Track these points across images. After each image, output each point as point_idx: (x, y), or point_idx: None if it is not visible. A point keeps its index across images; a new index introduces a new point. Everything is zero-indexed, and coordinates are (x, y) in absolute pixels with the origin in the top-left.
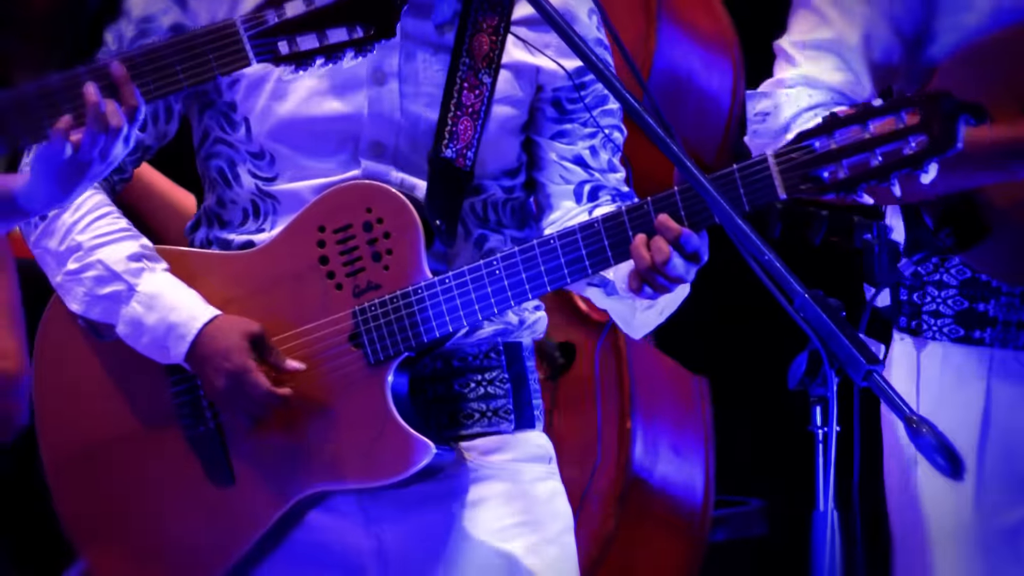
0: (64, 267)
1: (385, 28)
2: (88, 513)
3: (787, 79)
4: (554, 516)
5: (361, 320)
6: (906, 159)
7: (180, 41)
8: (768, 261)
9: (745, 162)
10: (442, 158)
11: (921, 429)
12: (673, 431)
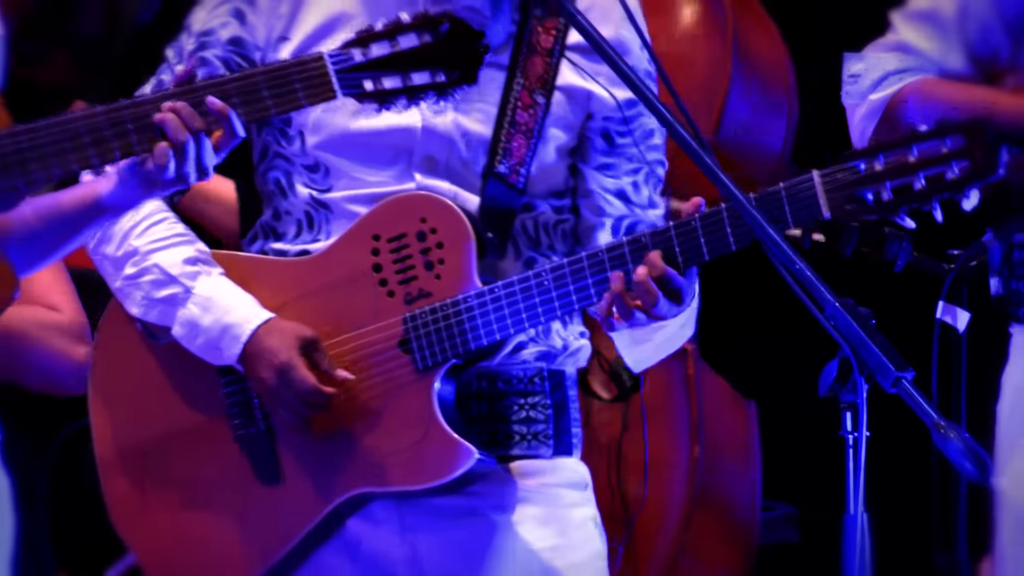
0: (122, 272)
1: (467, 74)
2: (137, 508)
3: (883, 43)
4: (587, 540)
5: (411, 327)
6: (948, 184)
7: (269, 70)
8: (799, 270)
9: (791, 180)
10: (496, 173)
11: (948, 434)
12: (732, 454)
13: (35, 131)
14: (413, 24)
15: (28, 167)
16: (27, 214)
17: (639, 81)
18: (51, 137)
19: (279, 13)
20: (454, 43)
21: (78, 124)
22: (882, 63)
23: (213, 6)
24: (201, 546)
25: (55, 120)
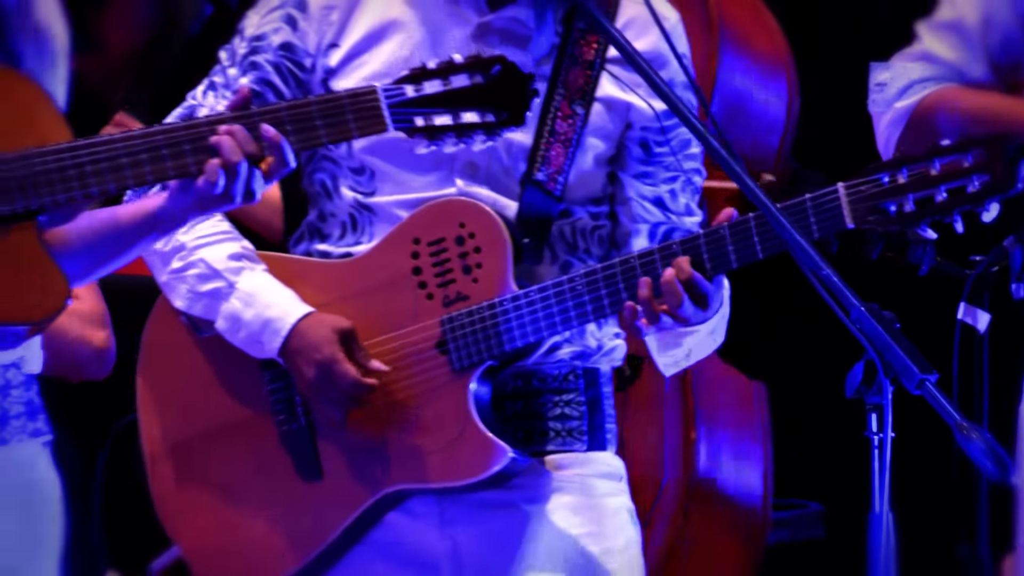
0: (169, 266)
1: (515, 116)
2: (182, 501)
3: (909, 53)
4: (621, 528)
5: (449, 328)
6: (969, 197)
7: (323, 100)
8: (826, 276)
9: (817, 192)
10: (534, 180)
11: (971, 435)
12: (733, 436)
13: (94, 146)
14: (466, 65)
15: (87, 181)
16: (84, 227)
17: (672, 94)
18: (109, 153)
19: (330, 20)
20: (504, 85)
21: (136, 142)
22: (907, 72)
23: (266, 11)
24: (244, 539)
25: (114, 137)
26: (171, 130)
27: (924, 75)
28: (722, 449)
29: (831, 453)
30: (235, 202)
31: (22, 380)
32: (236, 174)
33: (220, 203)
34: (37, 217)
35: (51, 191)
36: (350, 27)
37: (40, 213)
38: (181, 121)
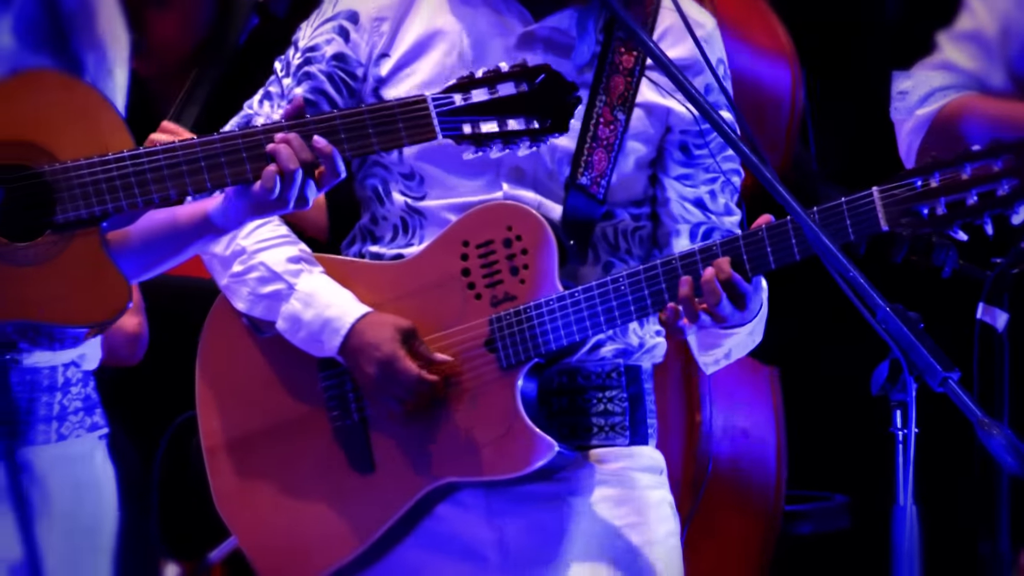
0: (230, 270)
1: (559, 123)
2: (239, 493)
3: (930, 62)
4: (662, 520)
5: (496, 328)
6: (999, 200)
7: (375, 109)
8: (853, 278)
9: (852, 196)
10: (578, 184)
11: (992, 431)
12: (745, 417)
13: (154, 155)
14: (512, 73)
15: (148, 188)
16: (143, 226)
17: (704, 101)
18: (170, 161)
19: (381, 31)
20: (549, 93)
21: (195, 150)
22: (929, 80)
23: (319, 24)
24: (298, 530)
25: (174, 145)
26: (229, 138)
27: (945, 83)
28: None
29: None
30: (288, 207)
31: (80, 377)
32: (292, 181)
33: (275, 208)
34: (100, 223)
35: (114, 198)
36: (399, 38)
37: (103, 219)
38: (239, 129)
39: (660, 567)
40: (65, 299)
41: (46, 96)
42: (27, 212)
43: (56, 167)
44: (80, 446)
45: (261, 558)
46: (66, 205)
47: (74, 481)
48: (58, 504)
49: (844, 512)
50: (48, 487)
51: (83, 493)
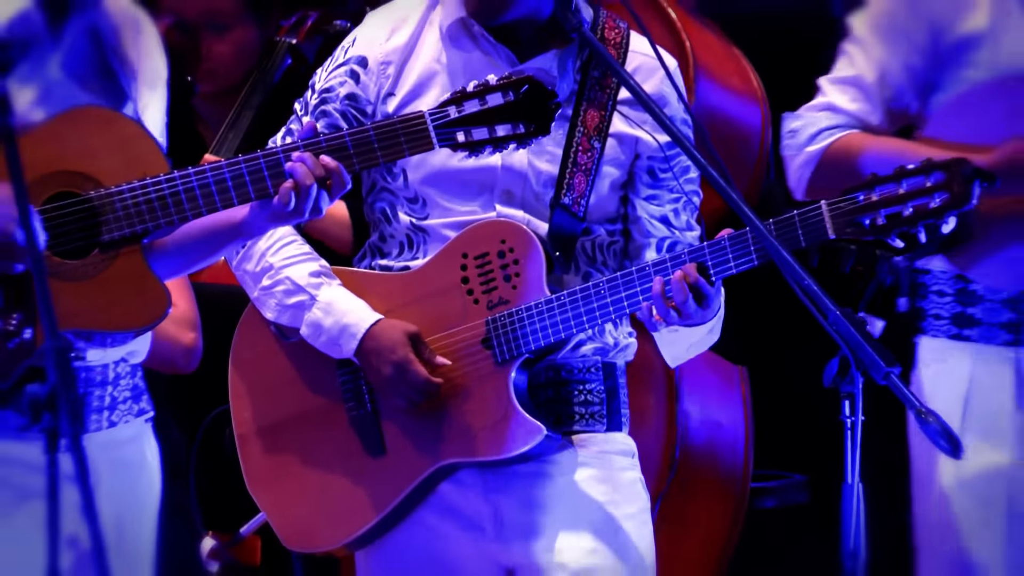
0: (259, 283)
1: (542, 127)
2: (267, 476)
3: (815, 105)
4: (635, 496)
5: (492, 327)
6: (931, 211)
7: (379, 126)
8: (807, 286)
9: (804, 208)
10: (561, 204)
11: (928, 419)
12: (716, 408)
13: (188, 177)
14: (499, 85)
15: (183, 206)
16: (180, 233)
17: (675, 129)
18: (201, 181)
19: (387, 74)
20: (533, 101)
21: (223, 172)
22: (816, 121)
23: (333, 68)
24: (319, 506)
25: (204, 167)
26: (252, 159)
27: (831, 123)
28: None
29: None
30: (304, 217)
31: (128, 371)
32: (307, 195)
33: (292, 217)
34: (142, 240)
35: (153, 218)
36: (403, 79)
37: (144, 237)
38: (260, 151)
39: (633, 536)
40: (113, 309)
41: (91, 130)
42: (77, 233)
43: (101, 192)
44: (129, 430)
45: (286, 530)
46: (111, 226)
47: (123, 461)
48: (106, 482)
49: (802, 489)
50: (98, 469)
51: (131, 471)
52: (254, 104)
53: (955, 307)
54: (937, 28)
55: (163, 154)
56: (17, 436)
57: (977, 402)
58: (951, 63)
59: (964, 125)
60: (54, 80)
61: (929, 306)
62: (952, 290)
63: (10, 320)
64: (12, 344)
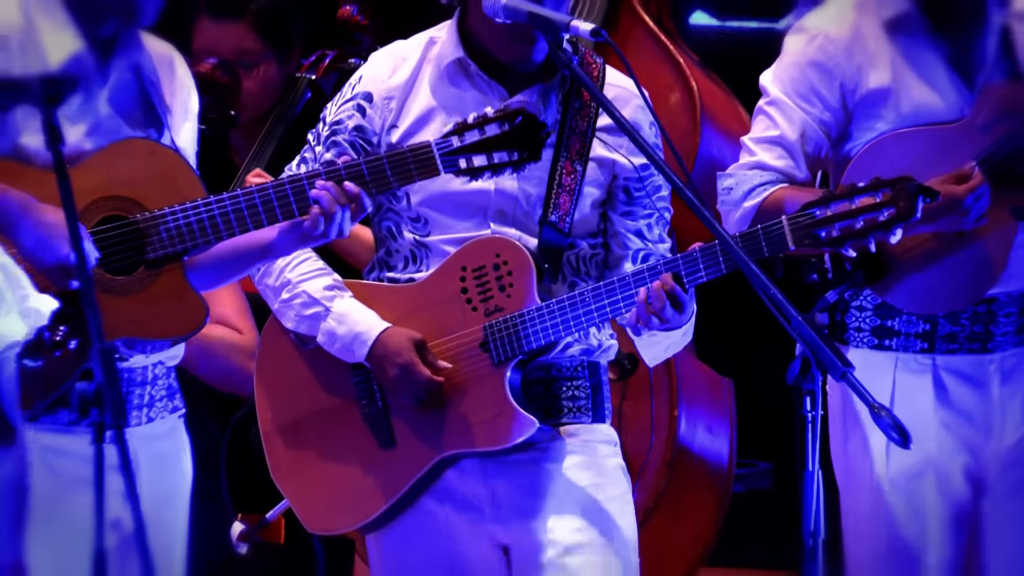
0: (279, 296)
1: (534, 153)
2: (289, 466)
3: (745, 164)
4: (618, 482)
5: (489, 332)
6: (880, 224)
7: (392, 155)
8: (773, 294)
9: (767, 223)
10: (549, 221)
11: (881, 413)
12: (708, 416)
13: (223, 201)
14: (496, 117)
15: (219, 228)
16: (216, 250)
17: (650, 150)
18: (235, 205)
19: (390, 108)
20: (526, 131)
21: (254, 196)
22: (749, 178)
23: (342, 102)
24: (336, 494)
25: (237, 192)
26: (279, 185)
27: (762, 180)
28: (698, 424)
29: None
30: (329, 238)
31: (164, 372)
32: (332, 219)
33: (318, 240)
34: (182, 258)
35: (192, 238)
36: (405, 112)
37: (184, 255)
38: (287, 178)
39: (616, 516)
40: (157, 320)
41: (136, 160)
42: (125, 252)
43: (146, 216)
44: (164, 425)
45: (308, 515)
46: (155, 246)
47: (159, 453)
48: (145, 472)
49: (767, 476)
50: (138, 459)
51: (166, 462)
52: (277, 134)
53: (875, 320)
54: (847, 87)
55: (200, 181)
56: (66, 430)
57: (901, 404)
58: (861, 116)
59: (875, 170)
60: (102, 115)
61: (851, 320)
62: (871, 305)
63: (57, 332)
64: (58, 354)
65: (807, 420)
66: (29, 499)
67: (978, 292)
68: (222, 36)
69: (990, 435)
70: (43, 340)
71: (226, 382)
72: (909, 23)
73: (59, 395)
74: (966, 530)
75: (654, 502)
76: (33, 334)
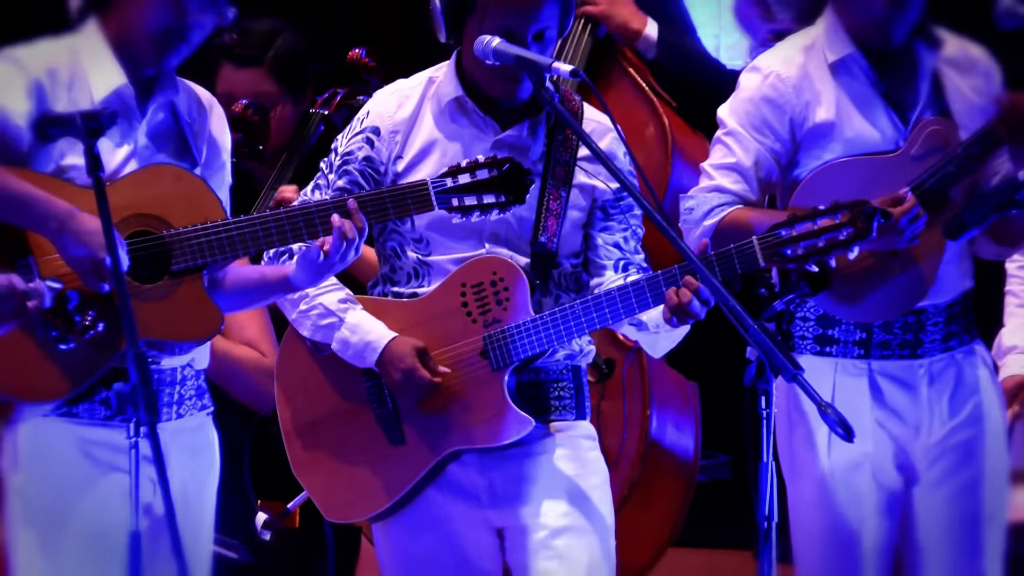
0: (298, 308)
1: (519, 197)
2: (308, 462)
3: (704, 187)
4: (599, 471)
5: (488, 342)
6: (840, 243)
7: (392, 191)
8: (732, 306)
9: (739, 243)
10: (539, 242)
11: (828, 411)
12: (675, 415)
13: (240, 223)
14: (486, 163)
15: (236, 246)
16: (240, 277)
17: (624, 177)
18: (251, 228)
19: (396, 140)
20: (511, 176)
21: (269, 221)
22: (708, 200)
23: (352, 135)
24: (350, 485)
25: (254, 216)
26: (292, 212)
27: (720, 202)
28: (667, 422)
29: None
30: (345, 265)
31: (193, 374)
32: (350, 246)
33: (332, 269)
34: (202, 271)
35: (211, 253)
36: (409, 144)
37: (204, 268)
38: (299, 206)
39: (597, 502)
40: (178, 324)
41: (165, 183)
42: (151, 264)
43: (172, 232)
44: (193, 421)
45: (326, 506)
46: (179, 259)
47: (189, 446)
48: (177, 462)
49: (727, 467)
50: (169, 452)
51: (195, 454)
52: (293, 164)
53: (817, 329)
54: (795, 120)
55: (221, 204)
56: (103, 423)
57: (841, 404)
58: (808, 146)
59: (820, 195)
60: (141, 144)
61: (796, 329)
62: (814, 316)
63: (86, 315)
64: (88, 336)
65: (762, 417)
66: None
67: (909, 304)
68: (242, 81)
69: (919, 431)
70: (74, 323)
71: (247, 396)
72: (851, 66)
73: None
74: (898, 515)
75: (628, 490)
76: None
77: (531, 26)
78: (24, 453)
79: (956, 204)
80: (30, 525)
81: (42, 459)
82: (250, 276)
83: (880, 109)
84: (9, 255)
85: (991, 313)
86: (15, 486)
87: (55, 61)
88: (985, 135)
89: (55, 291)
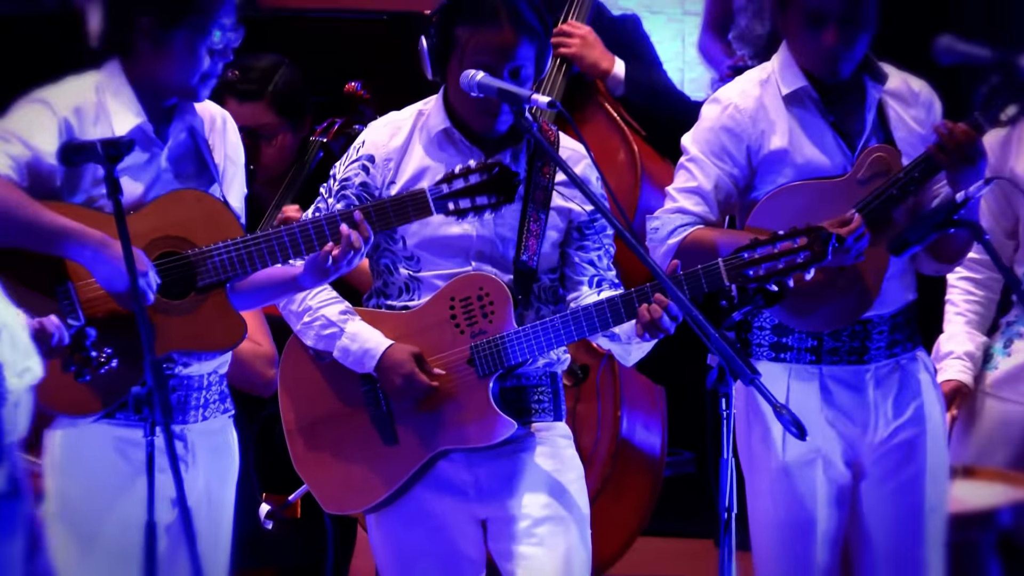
0: (302, 319)
1: (509, 197)
2: (308, 458)
3: (668, 209)
4: (575, 467)
5: (475, 351)
6: (798, 265)
7: (394, 200)
8: (695, 316)
9: (707, 264)
10: (521, 261)
11: (783, 411)
12: (644, 416)
13: (257, 239)
14: (478, 168)
15: (254, 261)
16: (253, 280)
17: (597, 200)
18: (268, 243)
19: (389, 167)
20: (501, 179)
21: (283, 236)
22: (672, 220)
23: (349, 162)
24: (347, 480)
25: (269, 232)
26: (304, 226)
27: (683, 222)
28: (636, 423)
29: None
30: (350, 269)
31: (217, 379)
32: (358, 253)
33: (336, 273)
34: (226, 285)
35: (233, 269)
36: (401, 171)
37: (227, 282)
38: (310, 220)
39: (574, 496)
40: (205, 336)
41: (187, 206)
42: (179, 281)
43: (196, 251)
44: (217, 423)
45: (324, 498)
46: (203, 276)
47: (213, 446)
48: (203, 460)
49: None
50: (197, 450)
51: (219, 454)
52: (294, 188)
53: (772, 337)
54: (752, 148)
55: (239, 223)
56: (135, 424)
57: (794, 405)
58: (763, 171)
59: (775, 216)
60: (162, 170)
61: (753, 338)
62: (769, 325)
63: (102, 352)
64: (103, 371)
65: (723, 418)
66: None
67: (856, 315)
68: (245, 114)
69: (866, 430)
70: (91, 359)
71: (246, 383)
72: (803, 98)
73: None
74: (847, 506)
75: (601, 484)
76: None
77: (507, 64)
78: (62, 453)
79: (899, 224)
80: (67, 523)
81: (79, 460)
82: (261, 278)
83: (829, 137)
84: (48, 282)
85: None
86: (52, 486)
87: (81, 99)
88: (925, 161)
89: (75, 328)
